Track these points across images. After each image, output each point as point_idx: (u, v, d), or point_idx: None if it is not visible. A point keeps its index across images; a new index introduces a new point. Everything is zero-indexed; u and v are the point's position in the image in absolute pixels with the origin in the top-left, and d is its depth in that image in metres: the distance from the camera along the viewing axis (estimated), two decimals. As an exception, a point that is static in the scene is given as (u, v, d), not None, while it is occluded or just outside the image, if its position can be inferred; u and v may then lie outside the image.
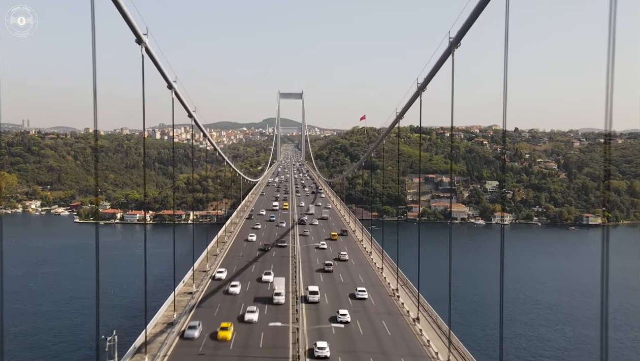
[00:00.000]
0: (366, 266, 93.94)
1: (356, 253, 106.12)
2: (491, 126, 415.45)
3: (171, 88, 58.21)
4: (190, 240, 75.84)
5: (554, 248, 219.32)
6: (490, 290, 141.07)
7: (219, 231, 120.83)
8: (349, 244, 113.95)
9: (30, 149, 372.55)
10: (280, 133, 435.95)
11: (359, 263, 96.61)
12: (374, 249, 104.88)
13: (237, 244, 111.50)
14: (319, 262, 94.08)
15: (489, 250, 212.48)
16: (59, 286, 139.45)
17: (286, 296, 71.14)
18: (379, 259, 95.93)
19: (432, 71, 53.05)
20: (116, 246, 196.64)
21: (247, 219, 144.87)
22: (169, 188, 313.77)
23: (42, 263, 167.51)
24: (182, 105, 64.77)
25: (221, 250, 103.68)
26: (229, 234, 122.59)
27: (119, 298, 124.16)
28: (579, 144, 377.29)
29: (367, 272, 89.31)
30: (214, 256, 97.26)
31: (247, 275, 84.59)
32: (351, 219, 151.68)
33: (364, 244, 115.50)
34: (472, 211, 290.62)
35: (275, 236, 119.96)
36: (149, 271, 53.38)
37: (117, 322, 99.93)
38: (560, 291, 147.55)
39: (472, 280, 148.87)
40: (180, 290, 73.80)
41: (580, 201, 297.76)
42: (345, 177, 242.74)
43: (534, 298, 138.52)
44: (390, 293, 76.26)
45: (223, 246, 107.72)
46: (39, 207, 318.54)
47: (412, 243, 62.26)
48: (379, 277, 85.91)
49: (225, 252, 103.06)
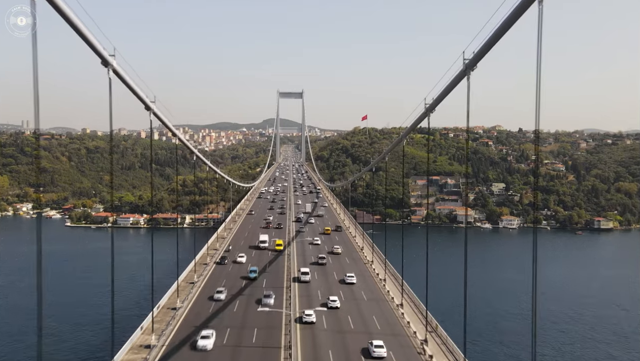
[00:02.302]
0: (358, 261, 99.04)
1: (349, 247, 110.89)
2: (494, 126, 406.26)
3: (149, 110, 49.26)
4: (183, 247, 71.70)
5: (567, 253, 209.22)
6: (498, 299, 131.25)
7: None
8: (342, 239, 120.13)
9: (23, 150, 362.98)
10: (280, 134, 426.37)
11: (351, 258, 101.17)
12: (375, 257, 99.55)
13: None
14: (313, 258, 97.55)
15: (498, 256, 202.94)
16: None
17: None
18: (381, 270, 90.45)
19: (443, 93, 46.91)
20: (107, 252, 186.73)
21: (216, 264, 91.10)
22: (165, 191, 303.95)
23: (23, 272, 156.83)
24: (164, 125, 56.93)
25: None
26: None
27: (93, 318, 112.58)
28: (586, 145, 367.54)
29: (360, 268, 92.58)
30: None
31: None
32: (352, 225, 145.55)
33: (357, 240, 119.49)
34: (478, 214, 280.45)
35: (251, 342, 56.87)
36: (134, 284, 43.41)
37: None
38: (582, 303, 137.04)
39: (479, 288, 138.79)
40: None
41: (590, 204, 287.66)
42: (349, 181, 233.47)
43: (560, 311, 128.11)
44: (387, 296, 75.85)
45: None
46: (30, 210, 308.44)
47: (416, 249, 60.74)
48: (371, 272, 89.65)
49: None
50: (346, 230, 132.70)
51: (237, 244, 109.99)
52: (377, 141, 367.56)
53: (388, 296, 73.37)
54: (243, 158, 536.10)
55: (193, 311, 64.99)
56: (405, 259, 71.51)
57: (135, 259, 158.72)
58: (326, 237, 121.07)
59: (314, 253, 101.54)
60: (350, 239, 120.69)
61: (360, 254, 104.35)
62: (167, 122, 55.76)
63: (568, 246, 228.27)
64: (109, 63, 38.47)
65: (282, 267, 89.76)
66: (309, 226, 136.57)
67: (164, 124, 55.05)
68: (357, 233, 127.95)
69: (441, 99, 47.37)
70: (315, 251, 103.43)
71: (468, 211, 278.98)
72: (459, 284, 45.48)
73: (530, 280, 30.93)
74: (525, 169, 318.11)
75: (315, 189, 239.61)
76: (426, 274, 55.24)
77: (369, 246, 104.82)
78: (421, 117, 52.59)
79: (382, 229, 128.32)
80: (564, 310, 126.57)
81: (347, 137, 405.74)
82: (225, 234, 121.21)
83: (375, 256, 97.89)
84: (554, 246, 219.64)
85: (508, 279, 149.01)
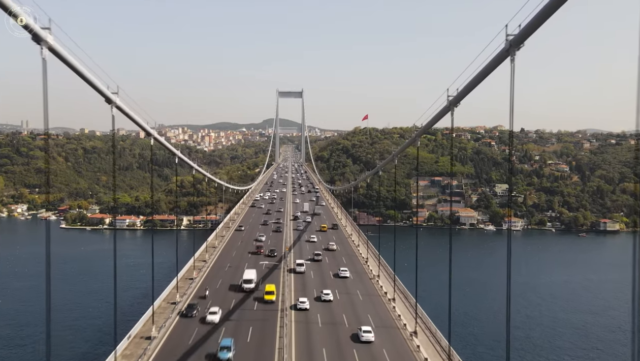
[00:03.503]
0: (354, 258, 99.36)
1: (345, 245, 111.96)
2: (496, 126, 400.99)
3: (110, 103, 41.70)
4: (177, 251, 69.13)
5: (573, 256, 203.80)
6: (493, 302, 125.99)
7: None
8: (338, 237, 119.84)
9: (19, 151, 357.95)
10: (279, 134, 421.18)
11: (347, 254, 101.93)
12: (371, 255, 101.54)
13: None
14: (309, 255, 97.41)
15: (503, 259, 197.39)
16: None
17: None
18: (377, 268, 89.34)
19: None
20: (99, 255, 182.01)
21: (180, 317, 61.92)
22: (162, 192, 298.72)
23: (13, 277, 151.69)
24: (165, 148, 50.11)
25: None
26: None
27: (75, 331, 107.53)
28: (589, 145, 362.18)
29: (355, 264, 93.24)
30: None
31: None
32: (348, 223, 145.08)
33: (353, 238, 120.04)
34: (481, 216, 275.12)
35: None
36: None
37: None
38: (589, 311, 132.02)
39: (478, 294, 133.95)
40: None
41: (596, 205, 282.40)
42: (349, 182, 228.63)
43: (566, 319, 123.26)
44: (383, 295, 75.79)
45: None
46: (25, 211, 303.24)
47: (415, 251, 57.58)
48: (366, 268, 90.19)
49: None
50: (343, 228, 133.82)
51: (215, 281, 78.86)
52: (378, 141, 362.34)
53: (381, 291, 75.21)
54: (242, 158, 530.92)
55: None
56: (405, 259, 73.18)
57: (125, 264, 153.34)
58: (322, 235, 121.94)
59: (310, 250, 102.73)
60: (347, 237, 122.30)
61: (355, 250, 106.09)
62: (135, 117, 47.80)
63: (573, 248, 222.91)
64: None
65: (273, 335, 56.28)
66: (306, 224, 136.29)
67: (130, 118, 46.83)
68: (354, 231, 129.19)
69: (469, 90, 39.61)
70: (312, 248, 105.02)
71: (471, 212, 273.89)
72: (455, 283, 47.33)
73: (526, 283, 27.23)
74: (529, 170, 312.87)
75: (313, 188, 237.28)
76: (415, 270, 56.67)
77: (365, 243, 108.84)
78: (442, 112, 45.58)
79: (382, 231, 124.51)
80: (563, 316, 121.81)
81: (348, 138, 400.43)
82: (206, 256, 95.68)
83: (371, 254, 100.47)
84: (560, 249, 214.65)
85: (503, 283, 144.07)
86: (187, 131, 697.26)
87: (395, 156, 70.72)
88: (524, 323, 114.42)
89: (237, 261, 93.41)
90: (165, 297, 70.21)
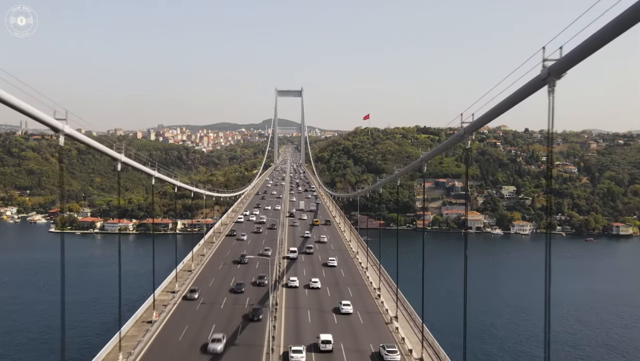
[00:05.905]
0: (344, 251, 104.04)
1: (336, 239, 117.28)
2: (499, 126, 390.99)
3: (57, 132, 33.69)
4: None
5: (592, 263, 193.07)
6: (511, 313, 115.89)
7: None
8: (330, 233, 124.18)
9: (10, 151, 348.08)
10: (279, 134, 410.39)
11: (337, 248, 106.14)
12: (361, 249, 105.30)
13: None
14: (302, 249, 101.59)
15: (513, 265, 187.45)
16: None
17: None
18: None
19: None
20: (88, 261, 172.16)
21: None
22: (156, 194, 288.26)
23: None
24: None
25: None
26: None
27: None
28: (596, 145, 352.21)
29: (345, 257, 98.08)
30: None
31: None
32: (342, 220, 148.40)
33: (345, 234, 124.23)
34: (487, 219, 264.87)
35: None
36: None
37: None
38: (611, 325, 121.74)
39: (478, 300, 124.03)
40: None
41: (607, 208, 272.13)
42: (350, 184, 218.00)
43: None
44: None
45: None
46: (14, 214, 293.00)
47: (418, 251, 61.27)
48: (354, 261, 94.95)
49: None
50: (336, 225, 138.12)
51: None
52: (380, 141, 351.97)
53: (367, 281, 79.38)
54: (241, 159, 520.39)
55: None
56: (409, 266, 75.42)
57: (113, 271, 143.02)
58: (315, 229, 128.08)
59: (304, 244, 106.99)
60: (339, 233, 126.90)
61: (346, 245, 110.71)
62: (88, 141, 41.26)
63: (586, 254, 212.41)
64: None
65: None
66: (301, 222, 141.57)
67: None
68: (346, 227, 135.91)
69: (487, 120, 34.86)
70: (306, 242, 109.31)
71: (478, 215, 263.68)
72: (455, 285, 51.83)
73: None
74: (536, 171, 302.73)
75: (310, 187, 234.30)
76: (396, 264, 61.07)
77: (355, 238, 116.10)
78: (455, 140, 38.99)
79: (383, 235, 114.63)
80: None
81: (349, 138, 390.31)
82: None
83: (361, 248, 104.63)
84: (572, 255, 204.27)
85: (509, 290, 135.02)
86: (185, 131, 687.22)
87: (424, 160, 52.72)
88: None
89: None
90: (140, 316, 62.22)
